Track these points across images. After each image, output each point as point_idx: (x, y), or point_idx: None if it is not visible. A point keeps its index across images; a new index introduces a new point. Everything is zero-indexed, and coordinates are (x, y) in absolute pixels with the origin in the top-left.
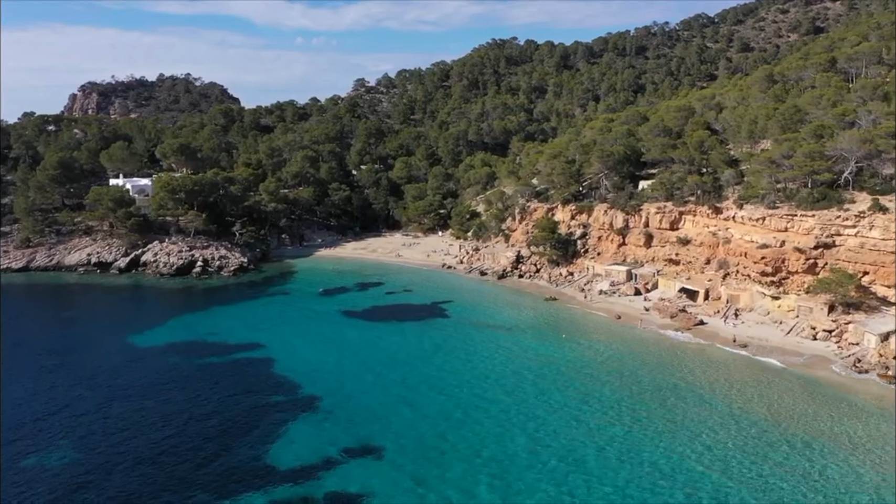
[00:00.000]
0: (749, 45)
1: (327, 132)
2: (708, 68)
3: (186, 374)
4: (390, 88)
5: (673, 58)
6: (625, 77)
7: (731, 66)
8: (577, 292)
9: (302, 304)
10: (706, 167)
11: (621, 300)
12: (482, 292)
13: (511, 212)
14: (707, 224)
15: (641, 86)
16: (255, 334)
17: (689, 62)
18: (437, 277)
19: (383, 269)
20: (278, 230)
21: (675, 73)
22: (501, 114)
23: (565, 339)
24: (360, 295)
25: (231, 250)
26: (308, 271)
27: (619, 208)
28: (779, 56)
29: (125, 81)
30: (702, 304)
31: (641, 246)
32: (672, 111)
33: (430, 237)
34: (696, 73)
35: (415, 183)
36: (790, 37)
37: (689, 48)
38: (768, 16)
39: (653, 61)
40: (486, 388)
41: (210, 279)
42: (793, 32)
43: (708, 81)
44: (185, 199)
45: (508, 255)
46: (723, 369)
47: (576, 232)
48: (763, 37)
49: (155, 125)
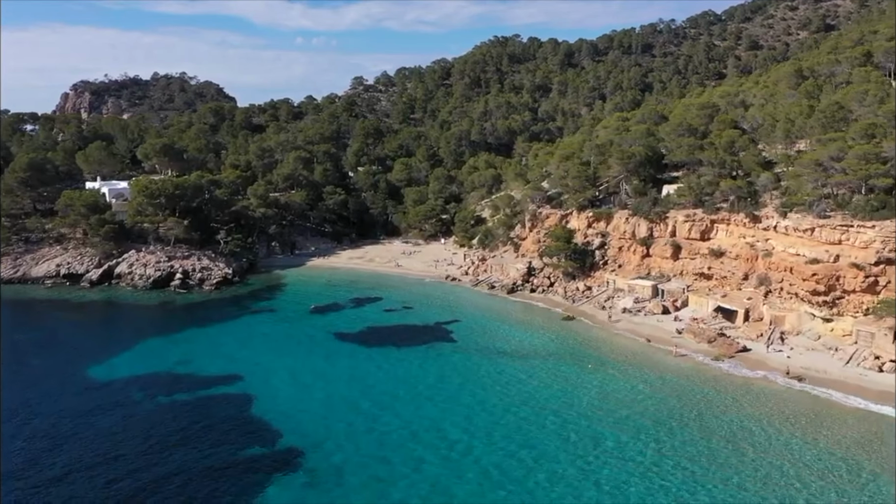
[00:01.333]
0: (758, 42)
1: (322, 132)
2: (716, 66)
3: (146, 417)
4: (389, 87)
5: (680, 56)
6: (631, 75)
7: (740, 65)
8: (598, 310)
9: (290, 324)
10: (737, 170)
11: (648, 320)
12: (491, 310)
13: (520, 218)
14: (743, 234)
15: (648, 84)
16: (234, 363)
17: (696, 60)
18: (440, 291)
19: (381, 282)
20: (268, 237)
21: (683, 71)
22: (505, 113)
23: (591, 370)
24: (354, 313)
25: (215, 260)
26: (299, 284)
27: (642, 216)
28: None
29: (119, 80)
30: (741, 325)
31: (668, 258)
32: (695, 109)
33: (431, 245)
34: (704, 72)
35: (415, 186)
36: (799, 34)
37: (696, 46)
38: (777, 13)
39: (659, 59)
40: (503, 443)
41: (190, 293)
42: (802, 30)
43: (717, 80)
44: (165, 204)
45: (519, 266)
46: (785, 411)
47: (593, 241)
48: (772, 34)
49: (139, 124)
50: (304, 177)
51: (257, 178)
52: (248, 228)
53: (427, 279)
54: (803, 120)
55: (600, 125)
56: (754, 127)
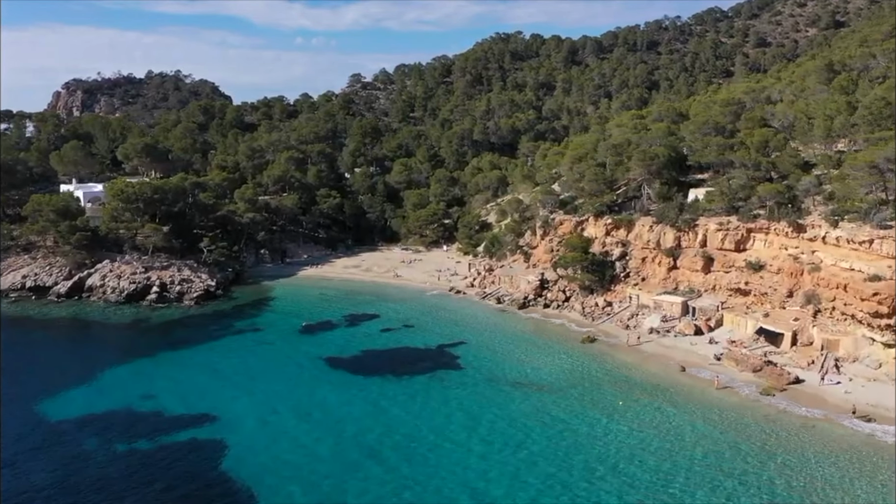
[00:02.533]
0: (766, 39)
1: (317, 131)
2: (724, 64)
3: (94, 475)
4: (388, 84)
5: (687, 53)
6: (637, 73)
7: (748, 62)
8: (621, 329)
9: (275, 347)
10: (772, 172)
11: (680, 342)
12: (501, 329)
13: (531, 225)
14: (785, 245)
15: (655, 82)
16: (207, 399)
17: (703, 58)
18: (444, 306)
19: (379, 294)
20: (256, 245)
21: (690, 68)
22: (508, 111)
23: (622, 406)
24: (349, 333)
25: (197, 271)
26: (288, 297)
27: (668, 223)
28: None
29: (112, 78)
30: (787, 350)
31: (698, 271)
32: (718, 106)
33: (433, 252)
34: (711, 70)
35: (415, 188)
36: (808, 31)
37: (702, 43)
38: (785, 9)
39: (665, 56)
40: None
41: (167, 309)
42: (811, 27)
43: (725, 78)
44: (143, 209)
45: (530, 278)
46: (861, 464)
47: (613, 251)
48: (780, 31)
49: (121, 122)
50: (297, 179)
51: (247, 181)
52: (236, 235)
53: (429, 292)
54: (845, 117)
55: (612, 124)
56: (785, 125)
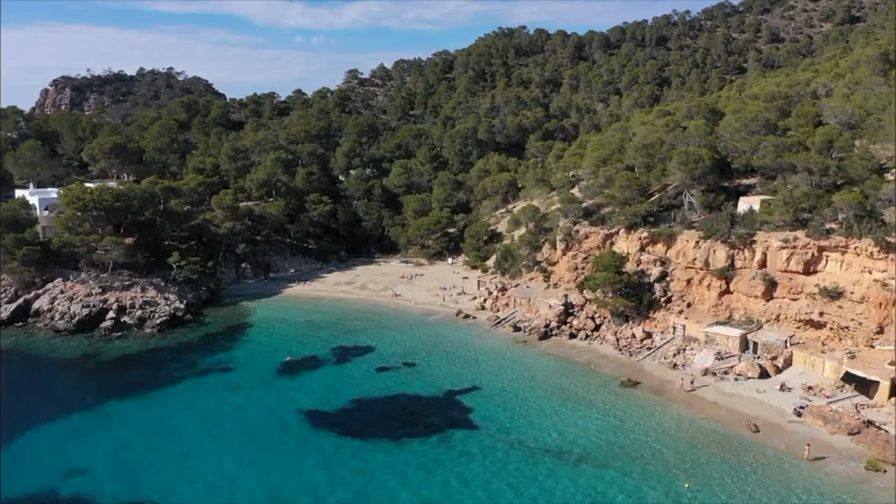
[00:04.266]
0: (779, 35)
1: (308, 129)
2: (736, 60)
3: None
4: (386, 81)
5: (697, 49)
6: (647, 69)
7: (762, 58)
8: (667, 369)
9: (246, 395)
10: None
11: (743, 388)
12: (520, 367)
13: (550, 237)
14: (867, 268)
15: (665, 78)
16: (158, 474)
17: (714, 54)
18: (450, 336)
19: (375, 320)
20: (236, 258)
21: (701, 65)
22: (514, 108)
23: (689, 490)
24: (338, 374)
25: (164, 291)
26: (269, 323)
27: (718, 239)
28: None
29: (102, 76)
30: (884, 403)
31: (758, 297)
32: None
33: (436, 265)
34: (724, 66)
35: (416, 193)
36: (822, 27)
37: (713, 39)
38: (798, 4)
39: (676, 52)
40: None
41: (124, 339)
42: (825, 22)
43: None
44: (105, 218)
45: (552, 302)
46: None
47: (650, 271)
48: (794, 27)
49: (90, 120)
50: (284, 183)
51: (229, 185)
52: (214, 247)
53: (432, 316)
54: None
55: (635, 121)
56: (842, 122)
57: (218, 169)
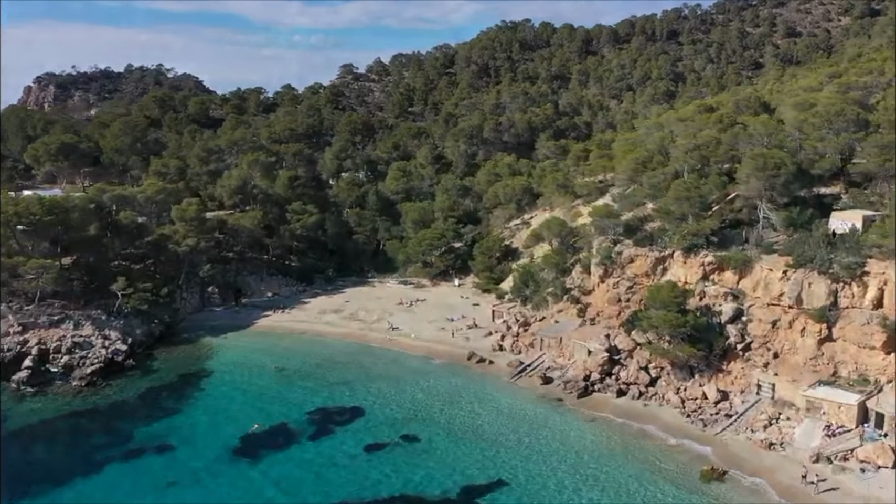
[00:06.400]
0: (795, 29)
1: (294, 127)
2: (752, 55)
3: None
4: (384, 76)
5: (711, 43)
6: (660, 64)
7: (779, 53)
8: (761, 450)
9: (189, 493)
10: None
11: (874, 485)
12: (558, 445)
13: (583, 259)
14: None
15: (679, 74)
16: None
17: (729, 48)
18: (462, 392)
19: (367, 366)
20: (201, 281)
21: (716, 60)
22: (522, 105)
23: None
24: (313, 458)
25: (105, 326)
26: (231, 371)
27: (815, 269)
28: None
29: (88, 73)
30: None
31: (875, 348)
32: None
33: (440, 287)
34: (739, 61)
35: (416, 200)
36: (841, 20)
37: (727, 33)
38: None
39: (688, 47)
40: None
41: (42, 395)
42: (844, 15)
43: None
44: (36, 234)
45: (593, 346)
46: None
47: (720, 308)
48: (810, 20)
49: (44, 117)
50: (262, 189)
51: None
52: (175, 267)
53: (437, 359)
54: None
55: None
56: None
57: (184, 173)
